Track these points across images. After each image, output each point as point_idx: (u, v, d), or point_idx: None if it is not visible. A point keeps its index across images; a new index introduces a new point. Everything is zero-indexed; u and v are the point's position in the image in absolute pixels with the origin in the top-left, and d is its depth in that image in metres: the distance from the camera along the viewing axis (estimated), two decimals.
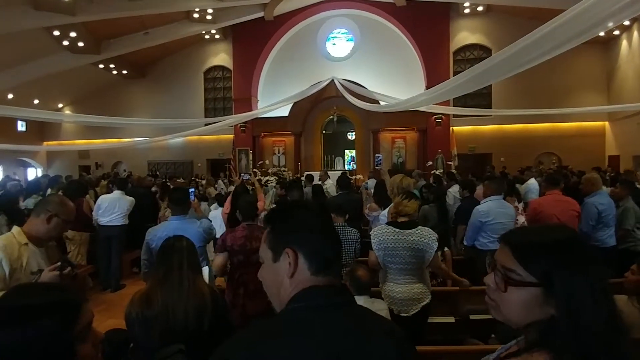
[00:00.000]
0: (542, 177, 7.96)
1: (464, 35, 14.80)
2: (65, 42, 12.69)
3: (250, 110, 15.11)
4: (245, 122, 15.20)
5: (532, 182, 7.38)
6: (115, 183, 6.61)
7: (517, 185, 6.65)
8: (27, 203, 6.36)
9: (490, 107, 14.25)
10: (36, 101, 15.49)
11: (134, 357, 1.81)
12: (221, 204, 5.88)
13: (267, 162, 15.35)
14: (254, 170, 14.43)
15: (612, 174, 9.53)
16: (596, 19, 3.55)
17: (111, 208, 5.88)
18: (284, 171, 14.69)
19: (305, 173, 10.61)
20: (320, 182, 8.07)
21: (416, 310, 2.91)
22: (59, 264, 1.94)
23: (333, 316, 0.86)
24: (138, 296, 1.89)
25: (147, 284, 2.10)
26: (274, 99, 14.86)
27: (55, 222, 2.11)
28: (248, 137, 15.74)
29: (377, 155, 14.70)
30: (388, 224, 3.02)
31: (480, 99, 14.34)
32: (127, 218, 6.01)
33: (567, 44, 4.00)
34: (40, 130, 18.05)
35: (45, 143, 18.26)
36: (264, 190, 7.28)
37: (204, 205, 6.72)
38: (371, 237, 2.97)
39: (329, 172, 10.57)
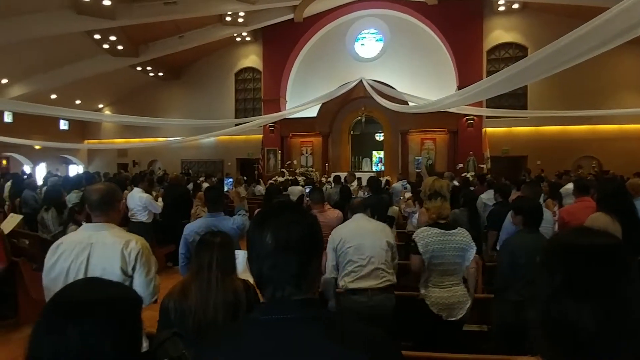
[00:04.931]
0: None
1: (499, 33, 14.39)
2: (106, 46, 13.29)
3: (279, 110, 15.31)
4: (274, 123, 15.40)
5: (570, 187, 7.10)
6: (133, 181, 7.01)
7: None
8: (70, 198, 6.70)
9: (526, 108, 13.77)
10: (78, 101, 16.30)
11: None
12: None
13: (295, 162, 15.52)
14: (282, 170, 14.65)
15: None
16: (639, 18, 3.40)
17: (131, 205, 6.19)
18: (312, 171, 14.82)
19: (333, 174, 10.68)
20: (346, 183, 8.10)
21: (462, 314, 2.88)
22: None
23: (258, 333, 0.88)
24: (177, 288, 1.99)
25: (184, 277, 2.21)
26: (302, 100, 14.99)
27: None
28: (276, 137, 15.95)
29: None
30: (432, 225, 3.00)
31: (514, 99, 13.92)
32: (150, 214, 6.30)
33: (608, 44, 3.85)
34: (82, 129, 19.02)
35: (86, 141, 19.23)
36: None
37: None
38: (416, 240, 2.94)
39: (356, 174, 10.60)
